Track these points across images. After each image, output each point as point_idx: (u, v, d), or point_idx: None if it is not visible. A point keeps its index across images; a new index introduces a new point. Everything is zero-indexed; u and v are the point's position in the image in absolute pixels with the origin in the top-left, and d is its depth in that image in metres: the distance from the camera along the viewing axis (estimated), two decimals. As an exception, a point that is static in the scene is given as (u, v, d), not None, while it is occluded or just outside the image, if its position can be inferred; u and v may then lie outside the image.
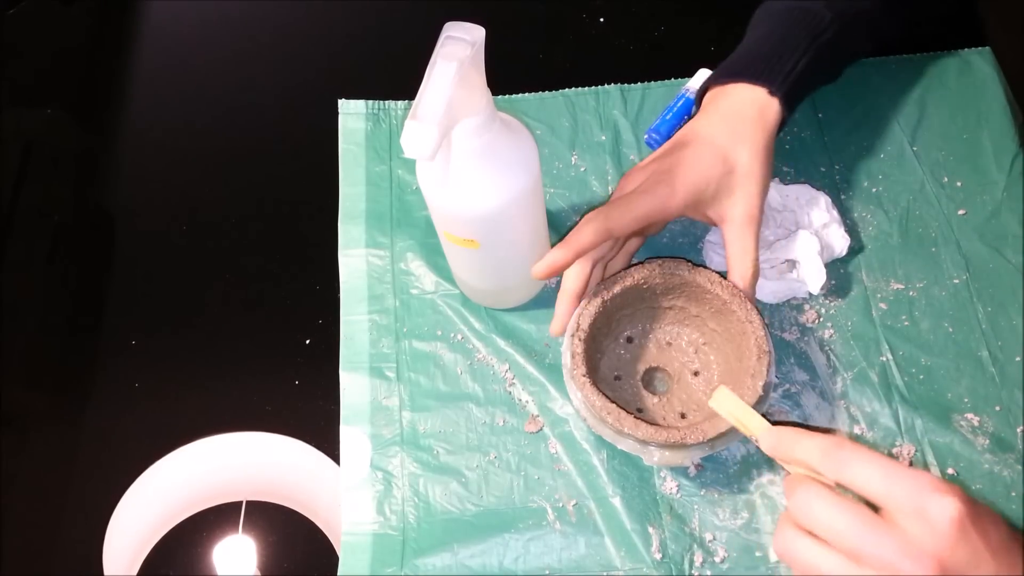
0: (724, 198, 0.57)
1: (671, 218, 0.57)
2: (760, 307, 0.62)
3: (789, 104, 0.59)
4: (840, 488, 0.41)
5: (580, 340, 0.56)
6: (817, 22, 0.59)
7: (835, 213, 0.64)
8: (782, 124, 0.59)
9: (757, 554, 0.57)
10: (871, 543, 0.38)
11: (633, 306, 0.61)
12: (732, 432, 0.53)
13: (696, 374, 0.61)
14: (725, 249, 0.57)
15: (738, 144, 0.56)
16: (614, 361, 0.62)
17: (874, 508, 0.39)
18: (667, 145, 0.59)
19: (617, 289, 0.57)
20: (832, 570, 0.39)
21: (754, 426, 0.47)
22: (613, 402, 0.54)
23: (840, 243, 0.63)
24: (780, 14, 0.61)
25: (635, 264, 0.59)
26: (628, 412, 0.54)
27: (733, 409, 0.48)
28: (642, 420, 0.54)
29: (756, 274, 0.57)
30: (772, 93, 0.57)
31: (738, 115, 0.58)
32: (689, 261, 0.58)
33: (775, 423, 0.46)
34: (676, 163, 0.56)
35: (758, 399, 0.53)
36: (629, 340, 0.62)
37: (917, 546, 0.37)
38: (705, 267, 0.58)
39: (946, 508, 0.37)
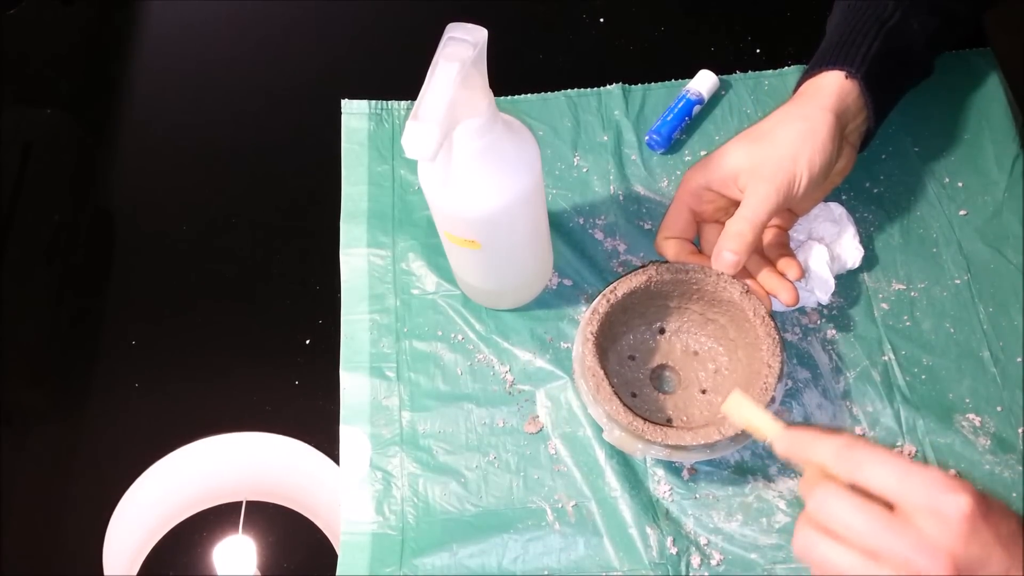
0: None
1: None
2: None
3: (875, 90, 0.59)
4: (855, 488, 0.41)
5: (607, 302, 0.57)
6: (881, 8, 0.61)
7: (849, 223, 0.63)
8: (879, 116, 0.60)
9: (752, 556, 0.57)
10: (886, 541, 0.38)
11: (678, 301, 0.60)
12: (697, 449, 0.53)
13: (704, 392, 0.61)
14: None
15: (795, 122, 0.57)
16: (636, 342, 0.62)
17: (889, 506, 0.40)
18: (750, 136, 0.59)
19: (667, 276, 0.57)
20: (850, 568, 0.39)
21: (768, 429, 0.47)
22: (602, 368, 0.55)
23: (854, 255, 0.62)
24: (849, 5, 0.63)
25: (700, 266, 0.58)
26: (611, 384, 0.54)
27: (746, 413, 0.48)
28: (618, 397, 0.54)
29: (747, 237, 0.55)
30: (850, 76, 0.58)
31: (808, 96, 0.59)
32: (743, 284, 0.57)
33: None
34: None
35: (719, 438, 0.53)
36: (661, 331, 0.62)
37: (931, 543, 0.38)
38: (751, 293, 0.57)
39: (958, 505, 0.38)
